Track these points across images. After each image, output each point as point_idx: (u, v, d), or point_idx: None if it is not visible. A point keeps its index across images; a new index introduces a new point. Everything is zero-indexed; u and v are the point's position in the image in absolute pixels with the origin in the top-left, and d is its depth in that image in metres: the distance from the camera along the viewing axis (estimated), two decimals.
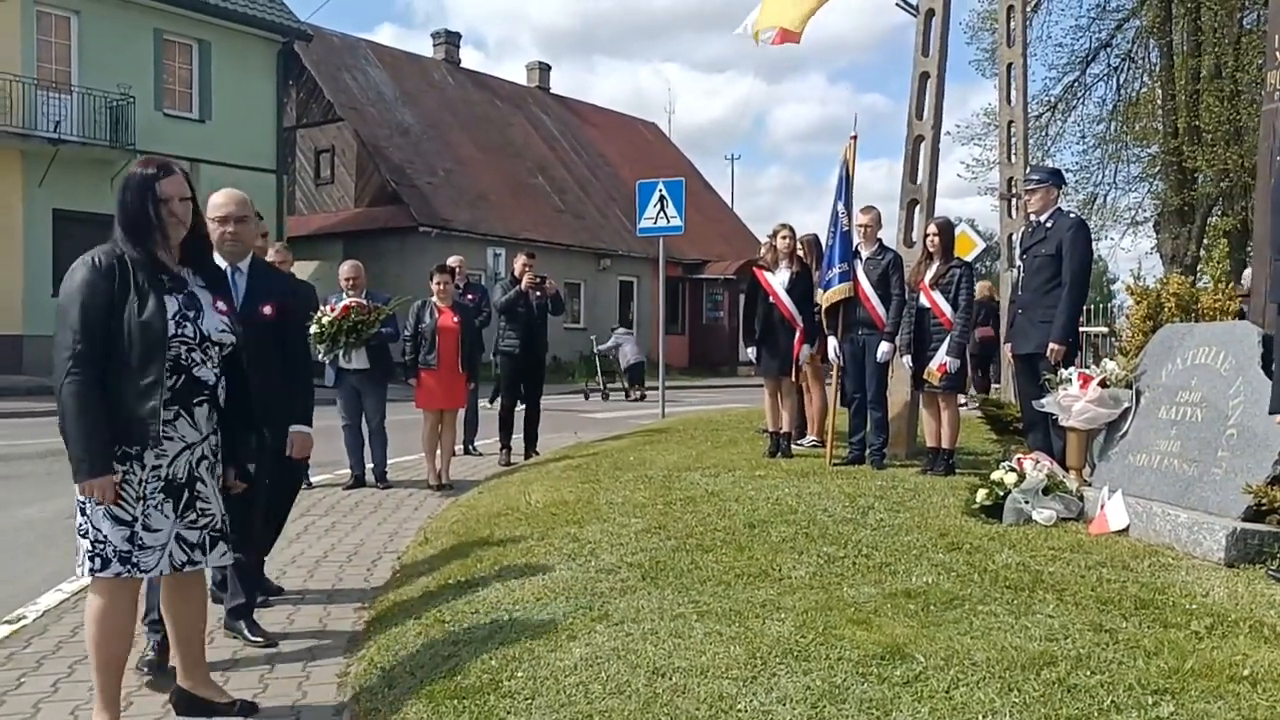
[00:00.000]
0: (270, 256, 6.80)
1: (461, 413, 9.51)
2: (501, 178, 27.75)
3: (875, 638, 3.23)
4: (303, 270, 17.75)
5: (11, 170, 17.47)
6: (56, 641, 4.02)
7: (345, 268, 7.49)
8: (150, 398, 2.90)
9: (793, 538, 4.75)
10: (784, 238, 7.70)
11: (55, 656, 3.85)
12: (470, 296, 9.35)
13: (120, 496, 2.90)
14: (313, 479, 7.47)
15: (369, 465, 7.72)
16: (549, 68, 34.89)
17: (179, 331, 2.95)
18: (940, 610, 3.54)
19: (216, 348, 3.06)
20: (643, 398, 19.08)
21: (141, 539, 2.93)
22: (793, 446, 7.87)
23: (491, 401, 10.22)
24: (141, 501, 2.93)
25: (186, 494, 3.01)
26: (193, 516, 3.03)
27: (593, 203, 30.29)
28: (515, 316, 8.68)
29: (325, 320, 6.75)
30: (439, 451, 7.62)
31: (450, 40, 31.43)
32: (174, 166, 3.08)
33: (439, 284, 7.74)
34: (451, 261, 9.94)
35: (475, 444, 9.60)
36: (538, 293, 8.83)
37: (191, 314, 3.01)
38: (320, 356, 6.89)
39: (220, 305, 3.11)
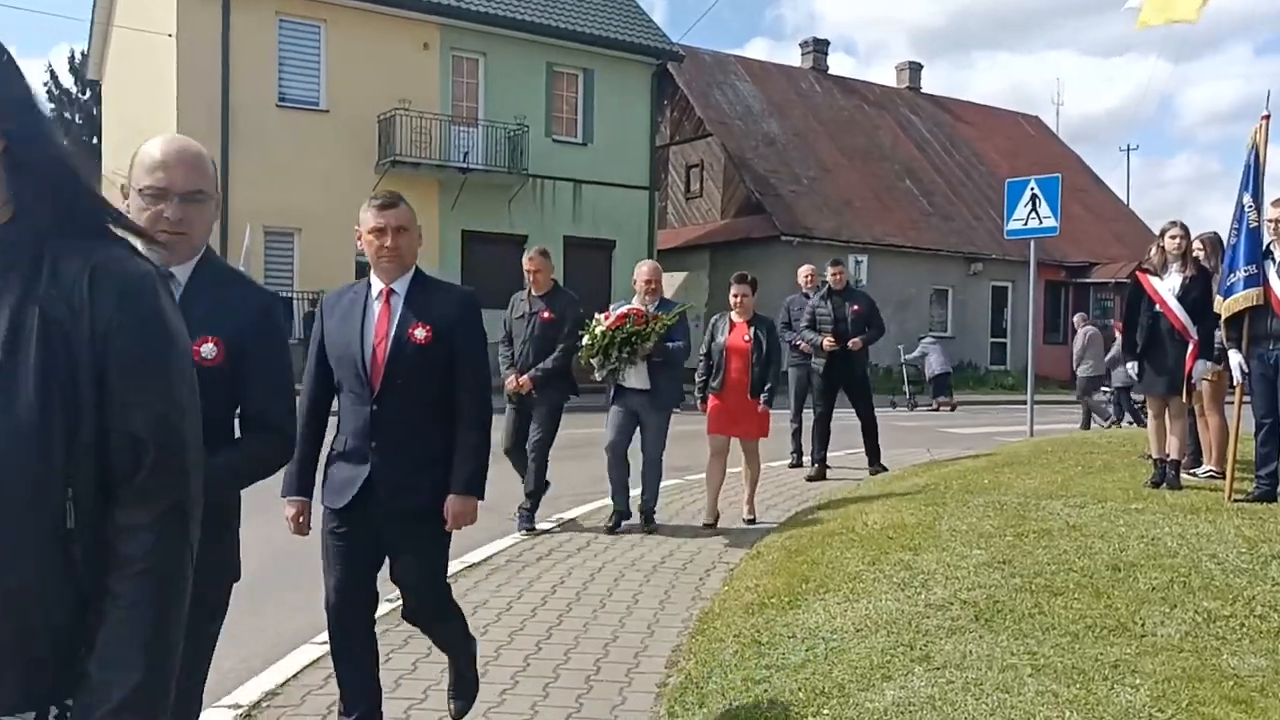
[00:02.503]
0: (525, 264, 6.29)
1: (810, 427, 9.41)
2: (866, 183, 27.25)
3: None
4: (670, 283, 18.60)
5: (430, 197, 20.20)
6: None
7: (643, 268, 6.33)
8: None
9: (1166, 586, 4.11)
10: (1174, 237, 6.71)
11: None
12: None
13: None
14: (574, 511, 6.99)
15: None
16: (920, 67, 33.69)
17: None
18: None
19: None
20: (953, 408, 18.55)
21: None
22: (1183, 477, 6.84)
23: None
24: None
25: None
26: None
27: (964, 204, 28.73)
28: (825, 331, 8.29)
29: (598, 331, 5.91)
30: (744, 484, 6.85)
31: (818, 48, 31.48)
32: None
33: (736, 296, 6.52)
34: (803, 271, 9.89)
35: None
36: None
37: None
38: (595, 375, 6.16)
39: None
